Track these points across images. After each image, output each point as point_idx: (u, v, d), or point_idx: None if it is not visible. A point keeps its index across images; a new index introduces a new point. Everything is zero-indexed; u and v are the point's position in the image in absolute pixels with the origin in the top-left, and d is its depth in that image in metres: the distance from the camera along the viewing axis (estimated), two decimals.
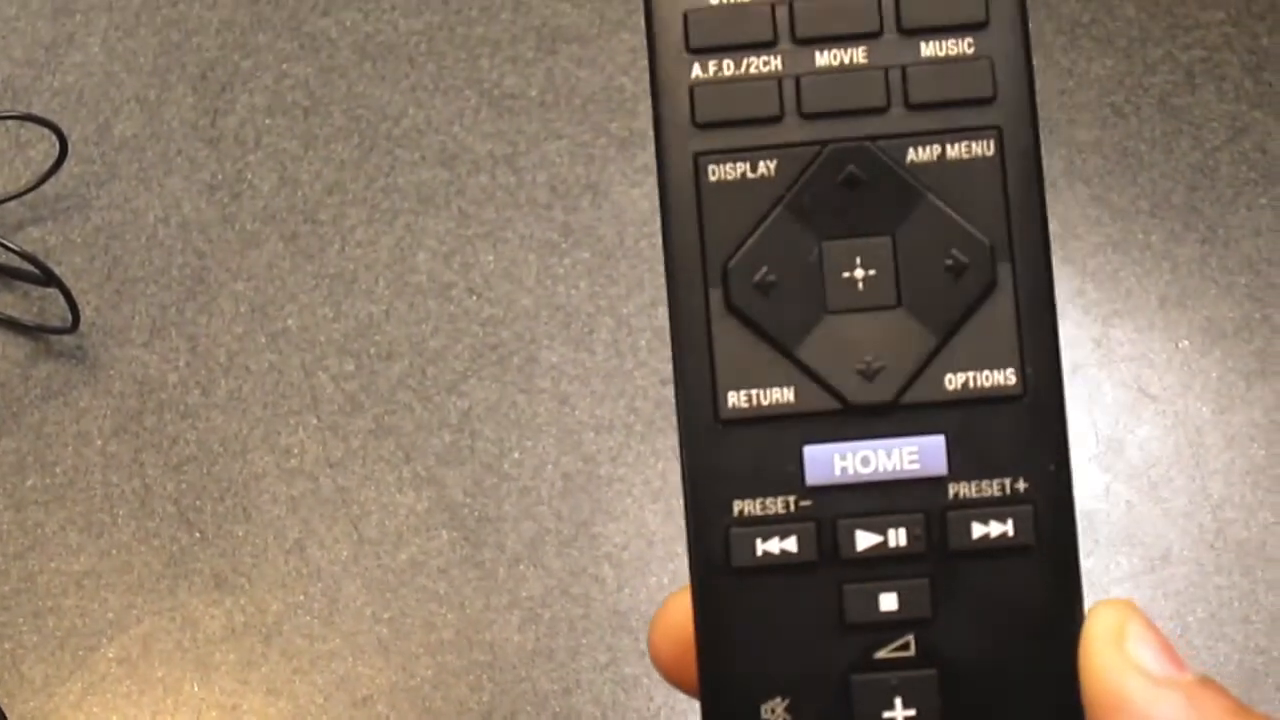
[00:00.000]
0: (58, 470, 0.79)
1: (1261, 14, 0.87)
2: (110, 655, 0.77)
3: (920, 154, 0.37)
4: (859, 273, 0.37)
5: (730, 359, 0.37)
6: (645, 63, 0.37)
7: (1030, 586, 0.36)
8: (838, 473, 0.36)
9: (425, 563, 0.77)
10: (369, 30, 0.86)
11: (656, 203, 0.36)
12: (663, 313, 0.81)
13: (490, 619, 0.76)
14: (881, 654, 0.36)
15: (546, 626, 0.76)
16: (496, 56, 0.85)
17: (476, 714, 0.75)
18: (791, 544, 0.36)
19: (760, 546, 0.36)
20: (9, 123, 0.83)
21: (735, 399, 0.36)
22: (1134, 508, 0.77)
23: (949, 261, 0.36)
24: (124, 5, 0.87)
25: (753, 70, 0.37)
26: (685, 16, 0.37)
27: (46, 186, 0.81)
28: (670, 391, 0.78)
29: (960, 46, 0.37)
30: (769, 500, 0.36)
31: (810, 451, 0.36)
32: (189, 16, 0.87)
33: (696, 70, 0.37)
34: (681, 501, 0.37)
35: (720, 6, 0.37)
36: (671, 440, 0.78)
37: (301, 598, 0.77)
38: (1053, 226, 0.79)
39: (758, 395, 0.36)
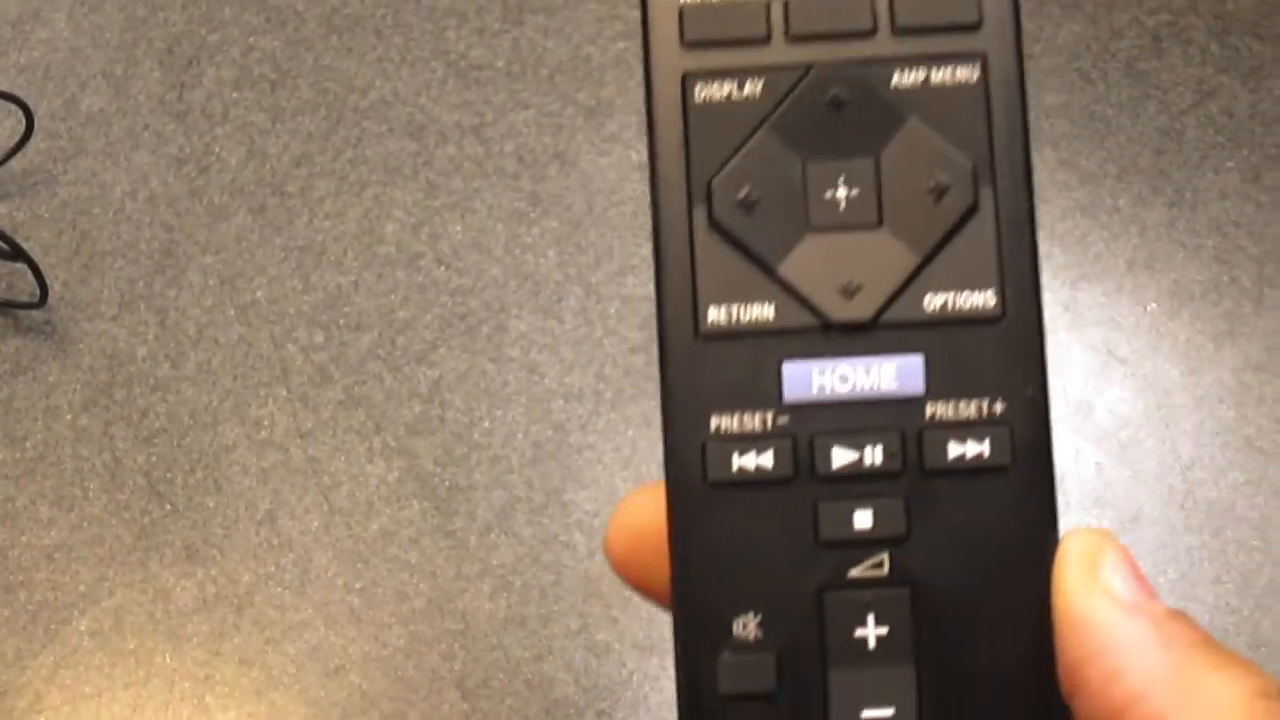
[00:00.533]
0: (28, 444, 0.79)
1: None
2: (82, 628, 0.77)
3: (905, 78, 0.37)
4: (841, 192, 0.37)
5: (711, 275, 0.37)
6: (611, 33, 0.37)
7: (1005, 508, 0.36)
8: (815, 390, 0.36)
9: (396, 532, 0.77)
10: (335, 3, 0.86)
11: (623, 173, 0.36)
12: (631, 281, 0.81)
13: (462, 587, 0.76)
14: (855, 572, 0.36)
15: (518, 594, 0.77)
16: (463, 28, 0.85)
17: (449, 682, 0.76)
18: (768, 459, 0.36)
19: (736, 461, 0.36)
20: None
21: (715, 314, 0.36)
22: (1104, 469, 0.78)
23: (931, 183, 0.36)
24: None
25: None
26: None
27: (13, 162, 0.81)
28: (640, 360, 0.79)
29: None
30: (746, 416, 0.36)
31: (789, 368, 0.36)
32: None
33: None
34: (653, 468, 0.37)
35: None
36: (642, 408, 0.78)
37: (273, 568, 0.77)
38: None
39: (738, 311, 0.36)
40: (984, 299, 0.36)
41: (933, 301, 0.36)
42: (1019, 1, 0.38)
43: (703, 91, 0.37)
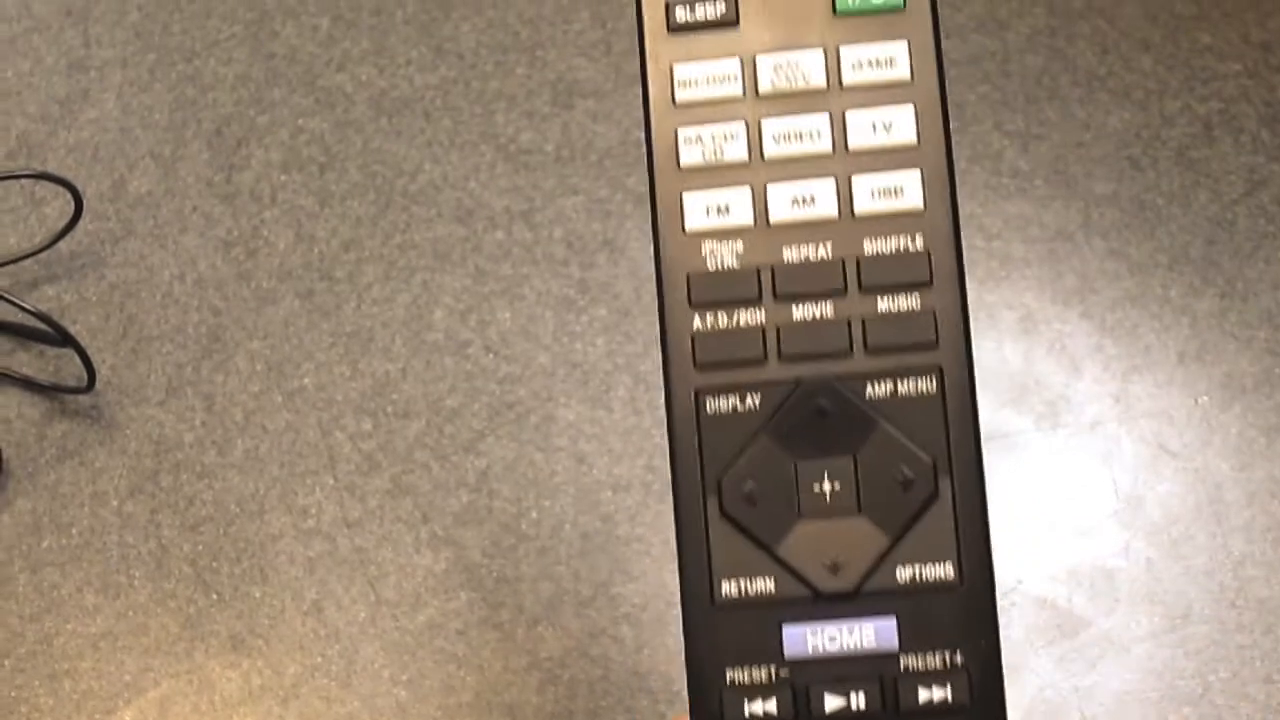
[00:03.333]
0: (74, 531, 0.79)
1: (1279, 65, 0.86)
2: (128, 718, 0.77)
3: (877, 389, 0.45)
4: (827, 486, 0.45)
5: (723, 555, 0.45)
6: None
7: None
8: (810, 648, 0.44)
9: (443, 624, 0.77)
10: (384, 85, 0.86)
11: None
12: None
13: (509, 681, 0.76)
14: None
15: (565, 688, 0.76)
16: (512, 111, 0.85)
17: None
18: (773, 706, 0.44)
19: (748, 708, 0.44)
20: (24, 180, 0.83)
21: (728, 587, 0.45)
22: (1154, 565, 0.77)
23: (899, 477, 0.44)
24: (139, 61, 0.87)
25: (742, 322, 0.45)
26: (688, 278, 0.46)
27: (62, 244, 0.81)
28: None
29: (909, 302, 0.45)
30: (755, 669, 0.44)
31: (788, 630, 0.44)
32: (204, 72, 0.87)
33: (697, 322, 0.46)
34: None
35: (716, 272, 0.46)
36: None
37: (319, 659, 0.77)
38: (1070, 280, 0.79)
39: (745, 585, 0.45)
40: (945, 570, 0.44)
41: (903, 574, 0.44)
42: (969, 323, 0.45)
43: (712, 404, 0.45)
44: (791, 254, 0.46)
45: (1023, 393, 0.80)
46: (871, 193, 0.46)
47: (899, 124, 0.46)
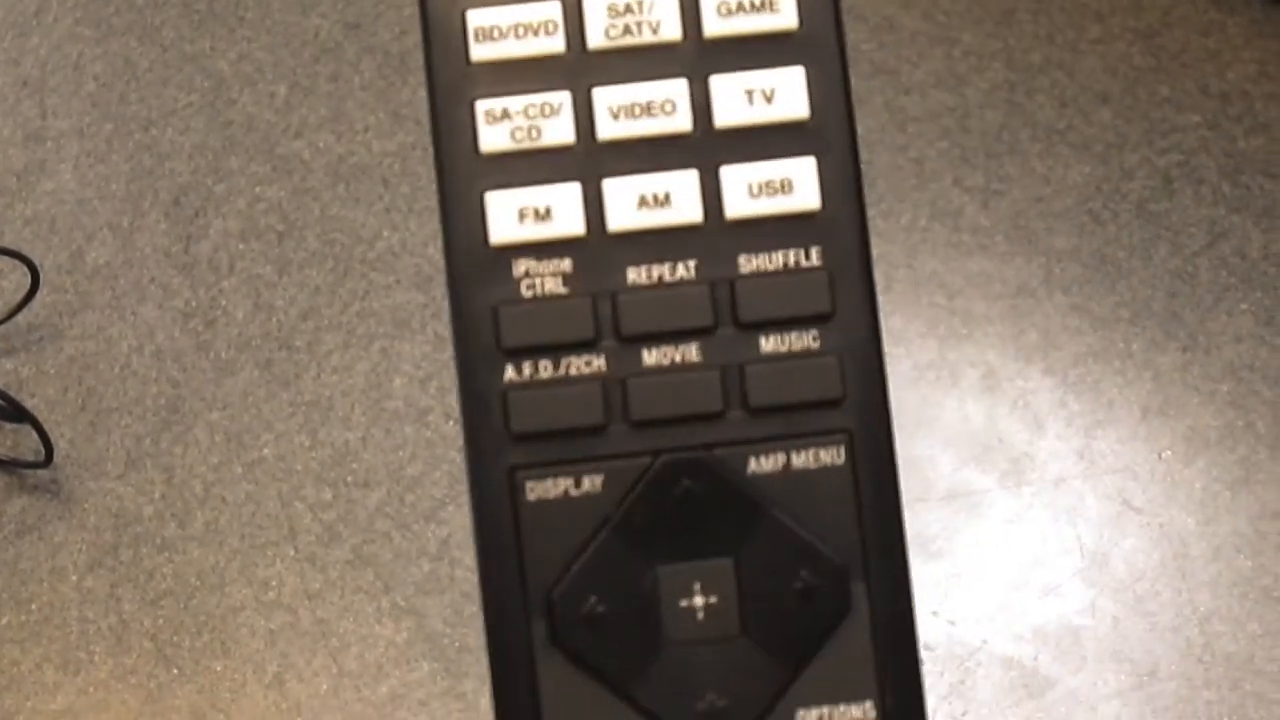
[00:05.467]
0: (33, 607, 0.78)
1: (1238, 116, 0.86)
2: None
3: (763, 464, 0.33)
4: (698, 600, 0.33)
5: (557, 702, 0.33)
6: None
7: None
8: None
9: (406, 695, 0.76)
10: (342, 152, 0.86)
11: None
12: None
13: None
14: None
15: None
16: None
17: None
18: None
19: None
20: None
21: None
22: (1120, 623, 0.77)
23: (798, 584, 0.33)
24: (95, 131, 0.87)
25: (573, 372, 0.34)
26: (495, 312, 0.34)
27: (19, 317, 0.81)
28: None
29: (804, 341, 0.34)
30: None
31: None
32: (161, 141, 0.86)
33: (510, 373, 0.34)
34: None
35: (535, 300, 0.34)
36: None
37: None
38: (1033, 337, 0.79)
39: None
40: (861, 711, 0.33)
41: (806, 718, 0.33)
42: (885, 377, 0.34)
43: (535, 489, 0.34)
44: (639, 275, 0.34)
45: (986, 451, 0.79)
46: (749, 188, 0.34)
47: (785, 91, 0.34)
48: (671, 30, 0.34)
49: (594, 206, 0.34)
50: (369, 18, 0.89)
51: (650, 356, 0.34)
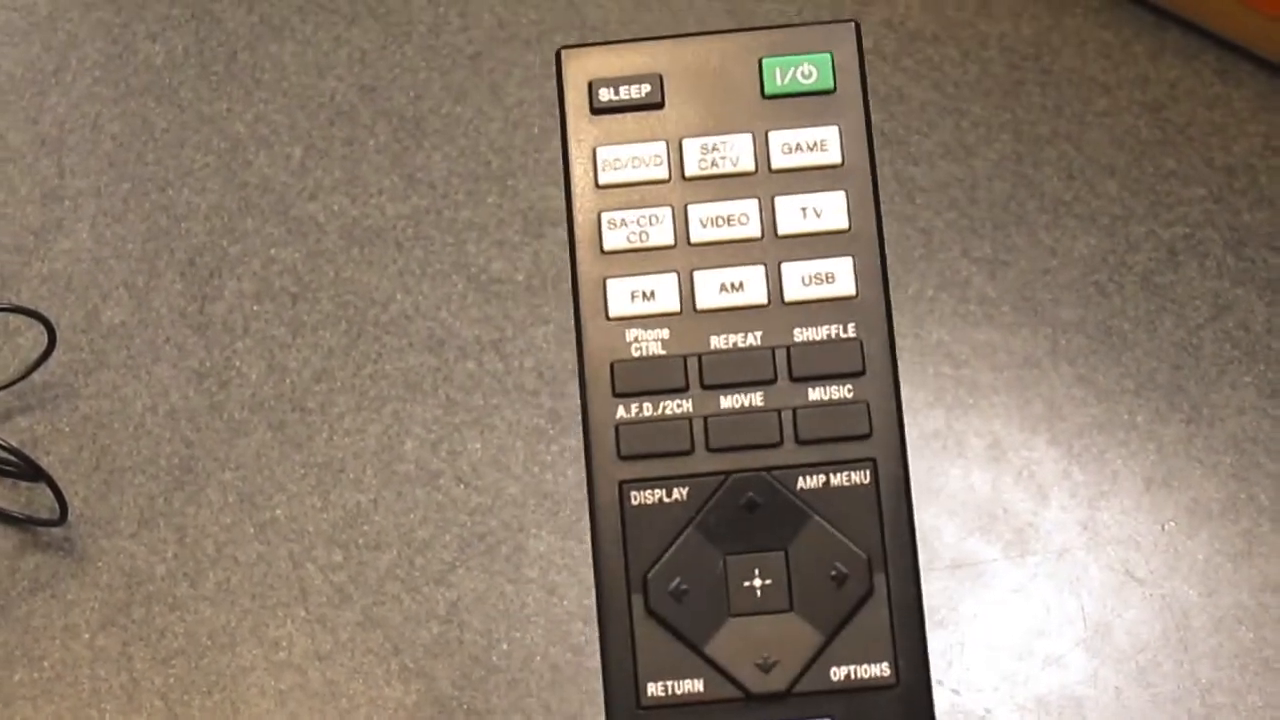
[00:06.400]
0: (45, 664, 0.79)
1: (1243, 190, 0.87)
2: None
3: (808, 482, 0.44)
4: (757, 582, 0.43)
5: (650, 655, 0.44)
6: None
7: None
8: None
9: None
10: (356, 214, 0.87)
11: None
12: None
13: None
14: None
15: None
16: (483, 240, 0.86)
17: None
18: None
19: None
20: None
21: (654, 689, 0.43)
22: (1122, 694, 0.77)
23: (833, 572, 0.43)
24: (112, 191, 0.88)
25: (668, 412, 0.44)
26: (612, 367, 0.45)
27: (35, 375, 0.82)
28: None
29: (841, 391, 0.44)
30: None
31: None
32: (177, 202, 0.87)
33: (621, 411, 0.44)
34: None
35: (641, 360, 0.45)
36: None
37: None
38: (1038, 407, 0.80)
39: (673, 686, 0.43)
40: (880, 670, 0.43)
41: (837, 673, 0.43)
42: (902, 413, 0.44)
43: (638, 497, 0.44)
44: (719, 341, 0.45)
45: (991, 521, 0.80)
46: (802, 279, 0.45)
47: (830, 209, 0.45)
48: (747, 164, 0.46)
49: (686, 290, 0.45)
50: (384, 81, 0.90)
51: (726, 401, 0.45)
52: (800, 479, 0.43)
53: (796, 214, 0.45)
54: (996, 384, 0.83)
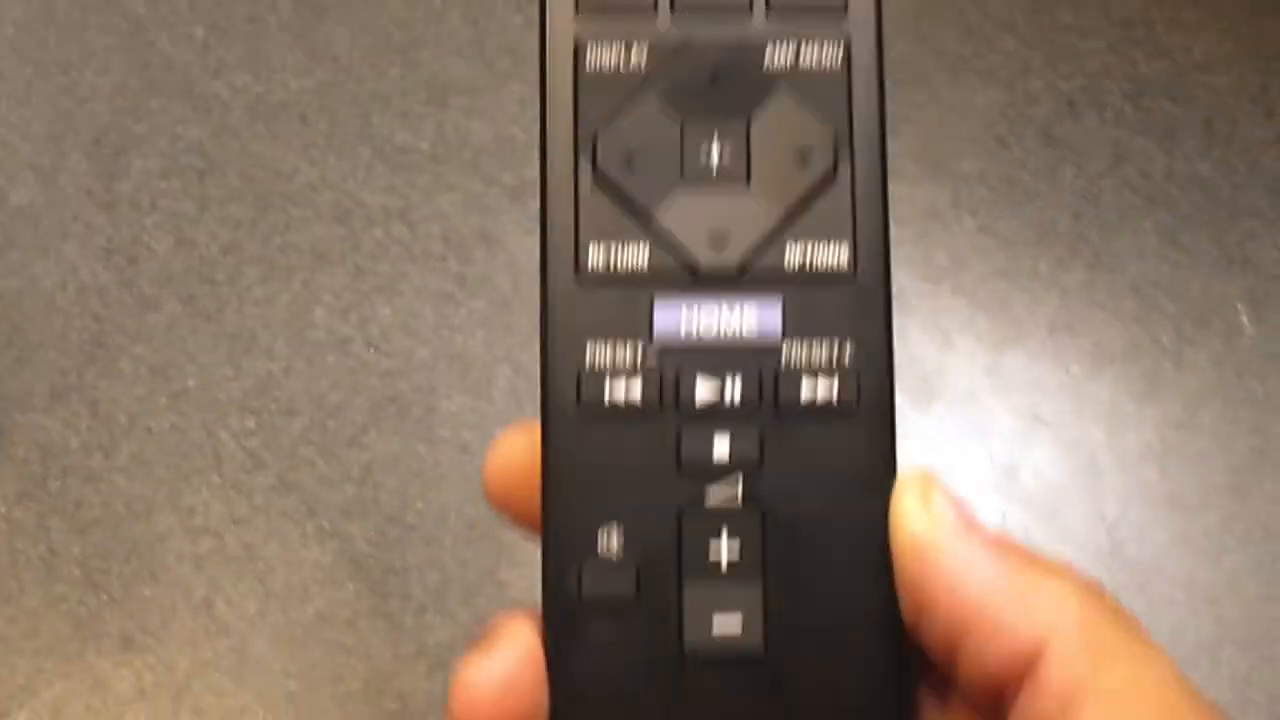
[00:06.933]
0: None
1: (1140, 40, 0.88)
2: None
3: (777, 53, 0.40)
4: (714, 152, 0.40)
5: (593, 221, 0.39)
6: (534, 114, 0.40)
7: (850, 444, 0.39)
8: (683, 330, 0.39)
9: (332, 615, 0.78)
10: (260, 91, 0.87)
11: None
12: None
13: (398, 669, 0.77)
14: (712, 495, 0.39)
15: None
16: (387, 112, 0.86)
17: None
18: (636, 391, 0.39)
19: (609, 392, 0.39)
20: None
21: (595, 256, 0.39)
22: (1031, 532, 0.78)
23: (796, 147, 0.40)
24: (15, 75, 0.88)
25: None
26: None
27: None
28: None
29: None
30: (619, 349, 0.39)
31: (660, 309, 0.39)
32: (81, 84, 0.87)
33: None
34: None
35: None
36: None
37: (210, 655, 0.77)
38: (942, 259, 0.81)
39: (615, 254, 0.39)
40: (838, 256, 0.39)
41: (792, 254, 0.39)
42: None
43: (593, 55, 0.40)
44: None
45: (899, 370, 0.81)
46: None
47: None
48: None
49: None
50: None
51: None
52: (769, 49, 0.40)
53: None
54: (901, 236, 0.84)
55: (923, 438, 0.80)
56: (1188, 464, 0.80)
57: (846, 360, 0.39)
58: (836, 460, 0.39)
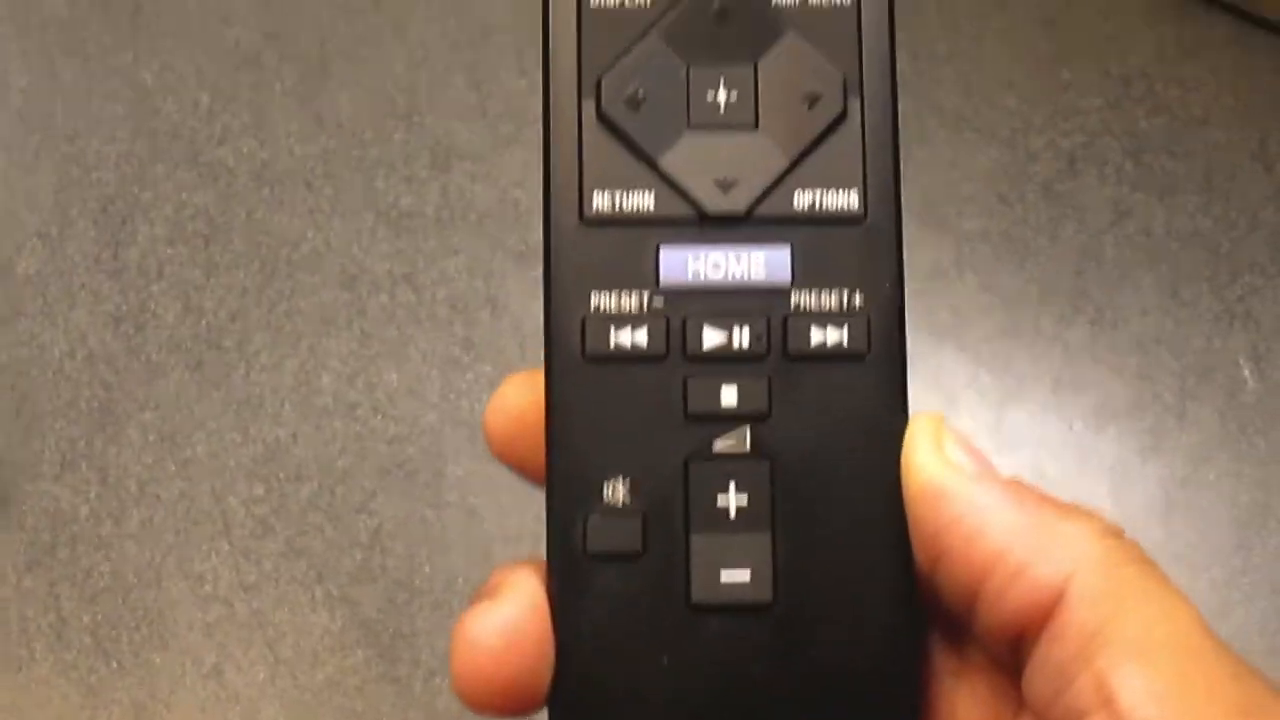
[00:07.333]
0: None
1: (1140, 97, 0.89)
2: None
3: None
4: (721, 95, 0.39)
5: (597, 164, 0.39)
6: (538, 177, 0.39)
7: (860, 391, 0.38)
8: (690, 275, 0.39)
9: (342, 681, 0.78)
10: (265, 157, 0.87)
11: None
12: None
13: None
14: (719, 444, 0.38)
15: None
16: (392, 176, 0.87)
17: None
18: (643, 337, 0.38)
19: (614, 338, 0.38)
20: None
21: (599, 201, 0.38)
22: None
23: (804, 91, 0.39)
24: (23, 144, 0.88)
25: None
26: None
27: None
28: None
29: None
30: (624, 296, 0.38)
31: (665, 254, 0.39)
32: (87, 152, 0.88)
33: None
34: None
35: None
36: None
37: None
38: (945, 316, 0.81)
39: (620, 198, 0.39)
40: (848, 199, 0.38)
41: (801, 199, 0.39)
42: None
43: None
44: None
45: None
46: None
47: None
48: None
49: None
50: (289, 27, 0.91)
51: None
52: None
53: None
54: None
55: None
56: (1192, 520, 0.80)
57: (857, 304, 0.38)
58: (846, 407, 0.39)
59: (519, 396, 0.38)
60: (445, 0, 0.91)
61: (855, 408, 0.38)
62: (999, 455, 0.78)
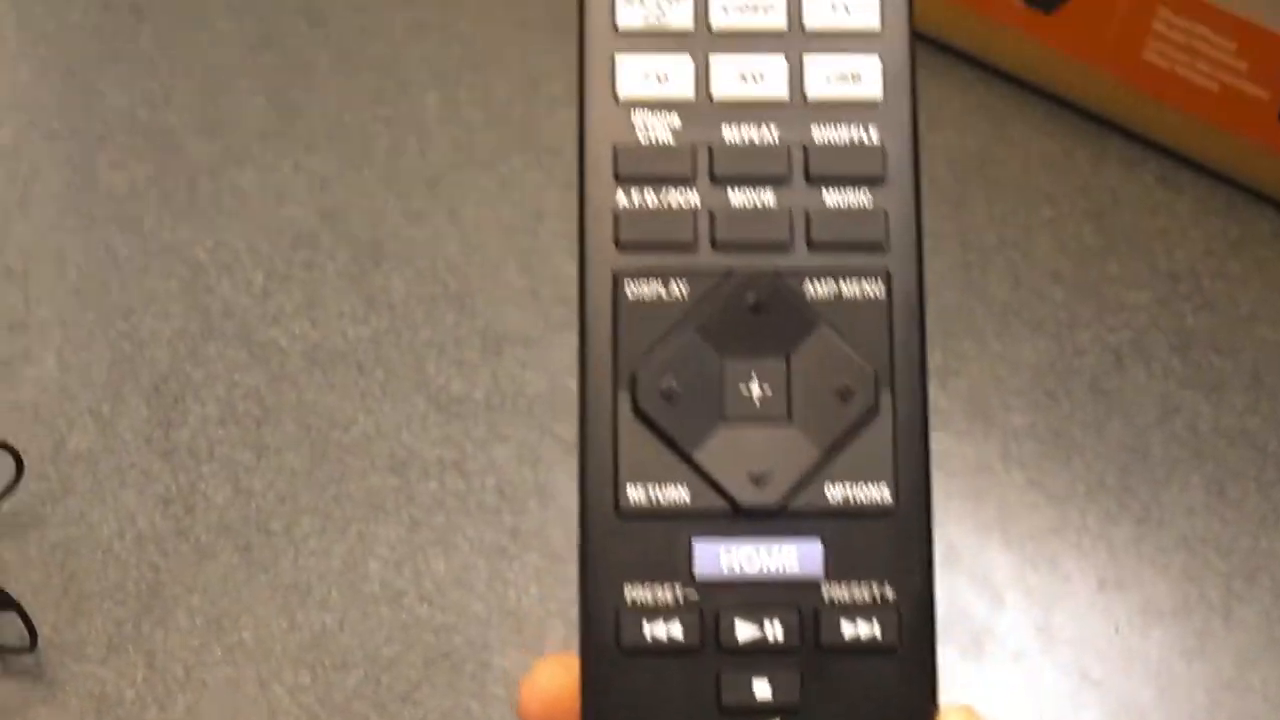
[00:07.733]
0: None
1: (1187, 294, 0.89)
2: None
3: (818, 288, 0.40)
4: (755, 389, 0.40)
5: (632, 457, 0.40)
6: None
7: (892, 684, 0.39)
8: (724, 568, 0.39)
9: None
10: (317, 338, 0.88)
11: None
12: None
13: None
14: None
15: None
16: (442, 360, 0.88)
17: None
18: (678, 630, 0.39)
19: (648, 630, 0.39)
20: None
21: (635, 494, 0.39)
22: None
23: (837, 385, 0.40)
24: (77, 320, 0.89)
25: (672, 203, 0.41)
26: (614, 150, 0.41)
27: (3, 504, 0.83)
28: None
29: (860, 198, 0.41)
30: (659, 588, 0.39)
31: (699, 547, 0.40)
32: (141, 329, 0.89)
33: (621, 198, 0.41)
34: None
35: (648, 146, 0.41)
36: None
37: None
38: (991, 512, 0.82)
39: (655, 491, 0.39)
40: (879, 493, 0.39)
41: (833, 493, 0.40)
42: (922, 223, 0.41)
43: (632, 289, 0.40)
44: (733, 134, 0.41)
45: (948, 625, 0.81)
46: (826, 76, 0.42)
47: (860, 5, 0.42)
48: None
49: (702, 77, 0.41)
50: (343, 206, 0.92)
51: (735, 197, 0.41)
52: (809, 285, 0.40)
53: (825, 7, 0.42)
54: (950, 490, 0.85)
55: (972, 696, 0.80)
56: None
57: (889, 597, 0.39)
58: (877, 699, 0.39)
59: (552, 683, 0.40)
60: (499, 185, 0.92)
61: (885, 699, 0.39)
62: (1044, 655, 0.79)
